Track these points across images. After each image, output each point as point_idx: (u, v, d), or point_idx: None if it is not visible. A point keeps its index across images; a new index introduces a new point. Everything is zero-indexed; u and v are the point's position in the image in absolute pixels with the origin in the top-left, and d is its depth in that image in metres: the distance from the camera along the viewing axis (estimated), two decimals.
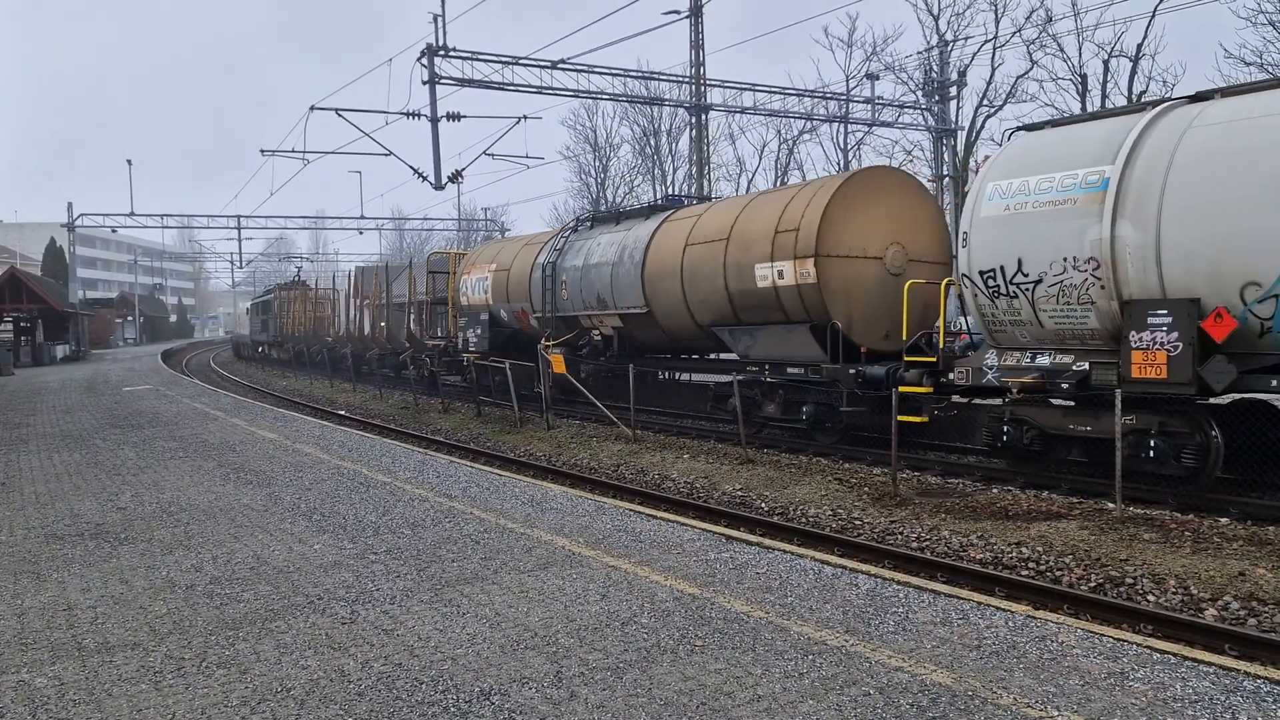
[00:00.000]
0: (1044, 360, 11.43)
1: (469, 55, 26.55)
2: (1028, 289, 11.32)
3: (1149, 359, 10.17)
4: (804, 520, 10.93)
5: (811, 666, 4.94)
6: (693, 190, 32.74)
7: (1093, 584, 8.11)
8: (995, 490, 11.60)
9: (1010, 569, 8.67)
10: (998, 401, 12.22)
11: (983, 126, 36.68)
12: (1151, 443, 10.60)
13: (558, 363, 19.28)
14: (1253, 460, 10.30)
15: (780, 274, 14.82)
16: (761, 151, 50.47)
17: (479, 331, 24.13)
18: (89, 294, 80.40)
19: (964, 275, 12.07)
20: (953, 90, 36.79)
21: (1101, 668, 4.91)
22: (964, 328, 15.15)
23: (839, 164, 41.60)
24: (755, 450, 14.79)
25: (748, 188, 46.25)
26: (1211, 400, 10.50)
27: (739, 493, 12.42)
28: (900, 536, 9.93)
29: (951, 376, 12.53)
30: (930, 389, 12.87)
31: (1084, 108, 32.34)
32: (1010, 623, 5.67)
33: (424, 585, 6.53)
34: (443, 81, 25.65)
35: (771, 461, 14.12)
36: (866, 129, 38.68)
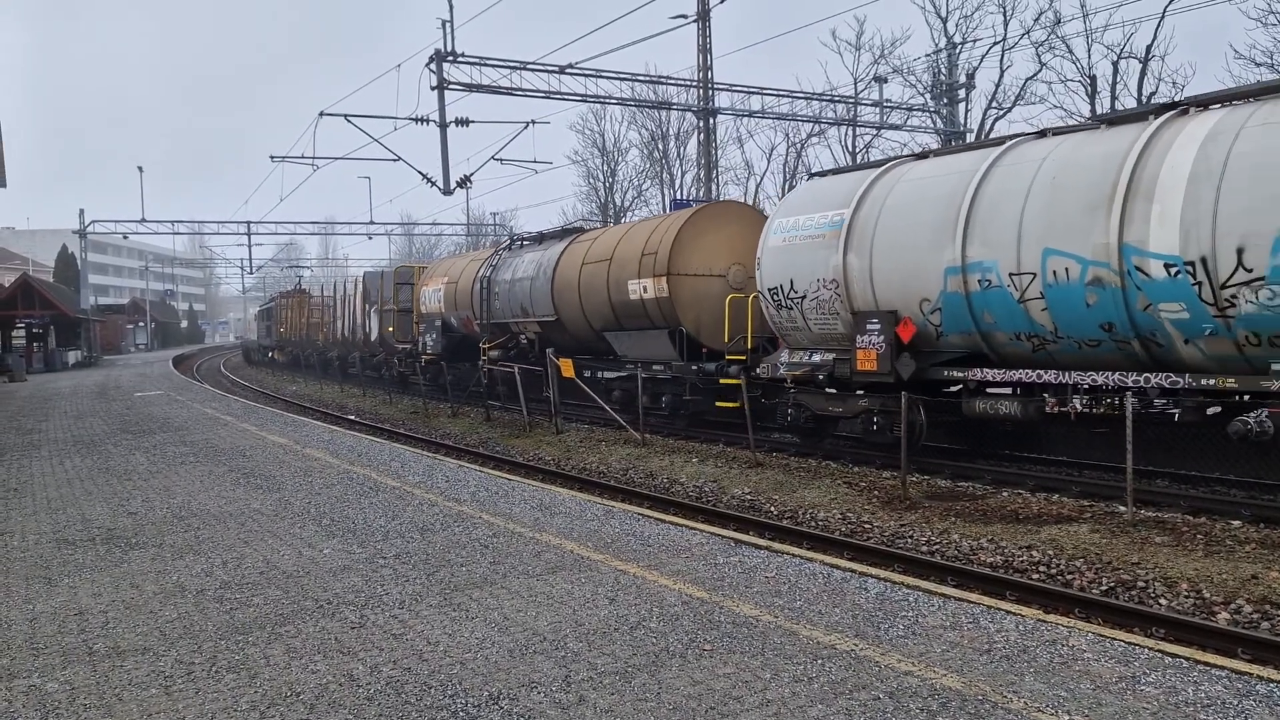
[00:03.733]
0: (816, 358, 14.37)
1: (477, 60, 26.63)
2: (798, 303, 14.42)
3: (867, 356, 13.20)
4: (813, 524, 10.90)
5: (820, 671, 4.92)
6: (700, 194, 32.73)
7: (1104, 587, 8.07)
8: (1005, 493, 11.56)
9: (1021, 572, 8.63)
10: (792, 390, 15.10)
11: (992, 129, 36.56)
12: (875, 419, 13.63)
13: (566, 367, 19.34)
14: (945, 433, 13.76)
15: (645, 289, 17.93)
16: (770, 155, 50.51)
17: (434, 336, 27.07)
18: (100, 300, 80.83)
19: (759, 292, 15.23)
20: (961, 92, 36.72)
21: (1113, 672, 4.88)
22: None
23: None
24: (764, 454, 14.78)
25: (755, 191, 46.24)
26: (953, 388, 13.15)
27: (748, 496, 12.41)
28: (910, 540, 9.89)
29: (759, 371, 15.42)
30: (741, 381, 15.73)
31: (1093, 110, 32.22)
32: (1021, 626, 5.64)
33: (433, 590, 6.54)
34: (451, 87, 25.73)
35: (780, 465, 14.09)
36: (875, 132, 38.62)
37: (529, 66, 27.78)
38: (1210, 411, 10.44)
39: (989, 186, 11.94)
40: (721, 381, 16.53)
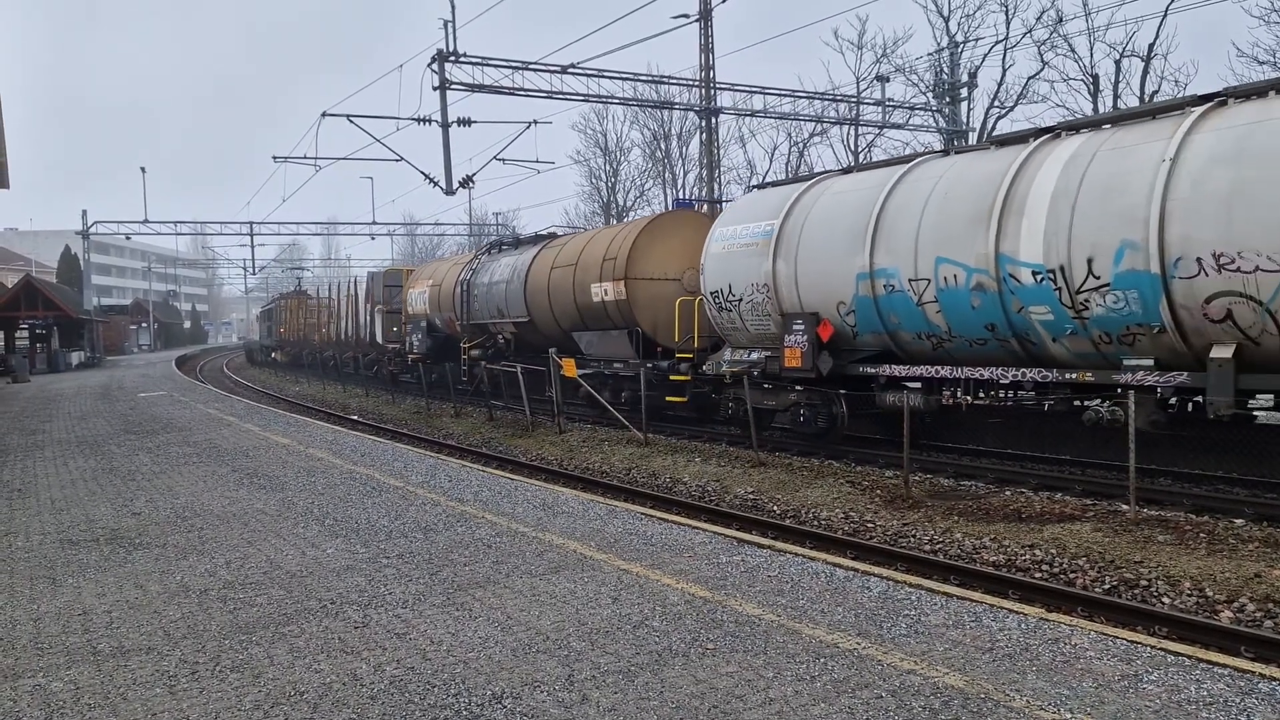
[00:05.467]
0: (754, 356, 15.47)
1: (479, 61, 26.64)
2: (736, 305, 15.59)
3: (793, 354, 14.34)
4: (816, 523, 10.90)
5: (823, 670, 4.93)
6: (703, 194, 32.74)
7: (1106, 586, 8.07)
8: (1008, 492, 11.55)
9: (1023, 571, 8.63)
10: (732, 385, 16.27)
11: (994, 127, 36.53)
12: (802, 411, 14.92)
13: (569, 367, 19.38)
14: (858, 423, 15.17)
15: (606, 291, 19.12)
16: (772, 154, 50.53)
17: (420, 337, 28.49)
18: (103, 301, 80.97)
19: (703, 296, 16.45)
20: (963, 91, 36.70)
21: (1115, 670, 4.89)
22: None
23: (849, 166, 41.50)
24: (767, 454, 14.78)
25: None
26: (874, 384, 14.01)
27: (751, 496, 12.41)
28: (913, 539, 9.89)
29: (705, 368, 16.67)
30: (689, 377, 17.33)
31: (1095, 108, 32.20)
32: (1023, 625, 5.64)
33: (436, 589, 6.55)
34: (453, 87, 25.75)
35: (783, 464, 14.09)
36: (877, 131, 38.61)
37: (531, 66, 27.80)
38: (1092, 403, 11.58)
39: (894, 200, 13.15)
40: (671, 378, 17.72)
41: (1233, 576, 7.80)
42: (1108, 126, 11.34)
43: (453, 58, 25.53)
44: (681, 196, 45.70)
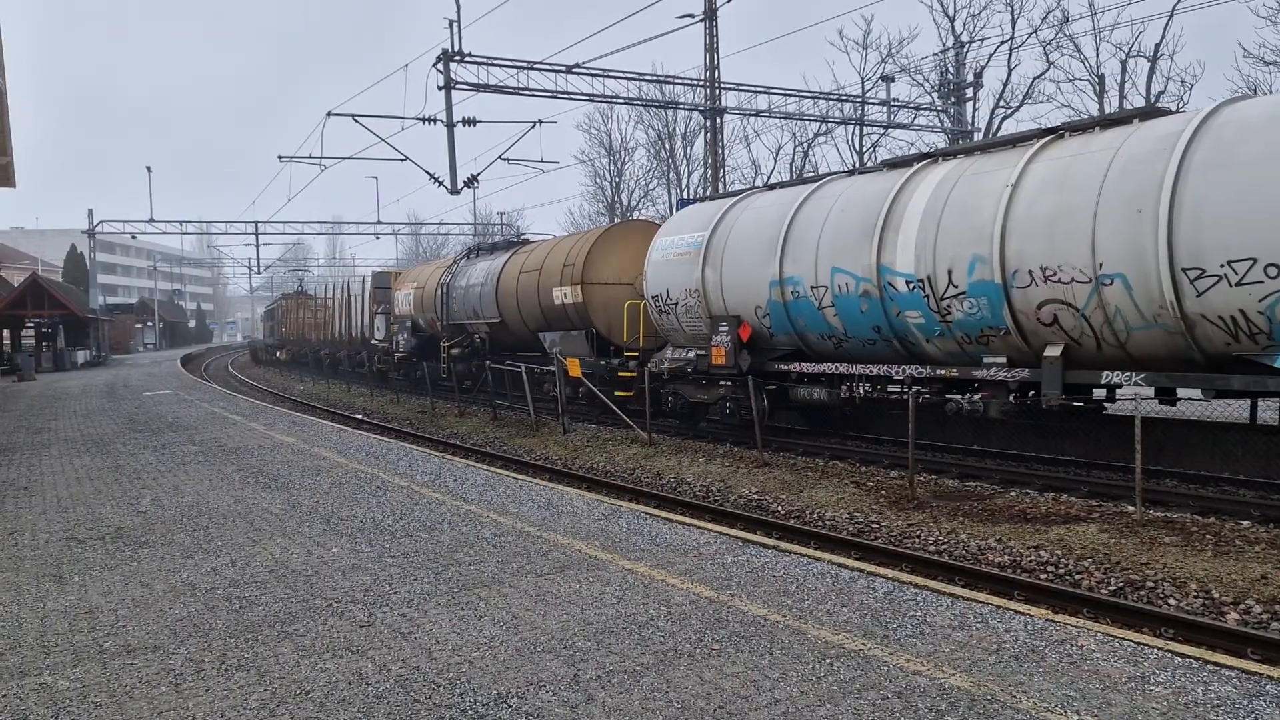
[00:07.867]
0: (691, 354, 16.94)
1: (484, 60, 26.65)
2: (674, 308, 17.11)
3: (719, 352, 15.91)
4: (821, 523, 10.89)
5: (829, 670, 4.92)
6: (708, 194, 32.72)
7: (1112, 587, 8.05)
8: (1014, 493, 11.53)
9: (1029, 572, 8.61)
10: (670, 381, 17.84)
11: (999, 128, 36.49)
12: (728, 405, 16.41)
13: (573, 366, 19.38)
14: (781, 415, 16.93)
15: (565, 295, 20.57)
16: (777, 154, 50.52)
17: (406, 336, 30.22)
18: (109, 300, 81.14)
19: (646, 299, 18.01)
20: (969, 91, 36.64)
21: (1122, 672, 4.87)
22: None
23: (854, 166, 41.46)
24: (771, 454, 14.78)
25: None
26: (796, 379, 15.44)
27: (755, 496, 12.40)
28: (918, 539, 9.88)
29: (649, 366, 17.96)
30: (635, 374, 18.55)
31: (1101, 109, 32.14)
32: (1029, 626, 5.63)
33: (441, 588, 6.55)
34: (458, 87, 25.74)
35: (788, 465, 14.08)
36: (882, 131, 38.57)
37: (536, 66, 27.79)
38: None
39: (801, 215, 14.63)
40: (620, 375, 19.02)
41: (1239, 578, 7.78)
42: (977, 153, 12.74)
43: (458, 57, 25.53)
44: (685, 196, 45.69)
